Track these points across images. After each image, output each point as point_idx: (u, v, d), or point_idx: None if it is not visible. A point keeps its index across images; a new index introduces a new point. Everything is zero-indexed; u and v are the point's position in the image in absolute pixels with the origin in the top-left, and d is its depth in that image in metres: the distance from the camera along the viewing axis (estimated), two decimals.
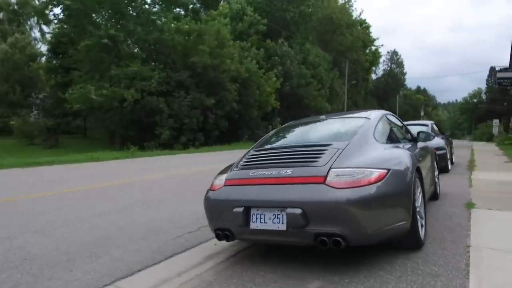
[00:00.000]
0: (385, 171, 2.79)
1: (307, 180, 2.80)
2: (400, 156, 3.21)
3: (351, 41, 38.70)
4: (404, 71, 67.86)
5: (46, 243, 3.77)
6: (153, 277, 3.00)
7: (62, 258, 3.35)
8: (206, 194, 3.37)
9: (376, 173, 2.73)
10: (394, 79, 64.75)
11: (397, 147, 3.66)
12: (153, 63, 21.29)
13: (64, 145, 24.54)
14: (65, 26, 21.63)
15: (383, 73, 64.59)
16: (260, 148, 3.57)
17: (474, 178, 7.41)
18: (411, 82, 75.67)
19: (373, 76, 55.88)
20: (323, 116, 4.14)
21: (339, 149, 3.01)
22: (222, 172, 3.45)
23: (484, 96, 77.38)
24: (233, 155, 16.05)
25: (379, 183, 2.70)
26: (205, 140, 22.44)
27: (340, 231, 2.61)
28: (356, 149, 3.06)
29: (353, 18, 40.75)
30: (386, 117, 4.09)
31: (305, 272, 2.85)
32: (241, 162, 3.37)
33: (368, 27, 44.27)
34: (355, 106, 45.57)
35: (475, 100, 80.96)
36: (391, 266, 2.87)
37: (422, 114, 70.72)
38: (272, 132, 4.21)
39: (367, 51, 46.18)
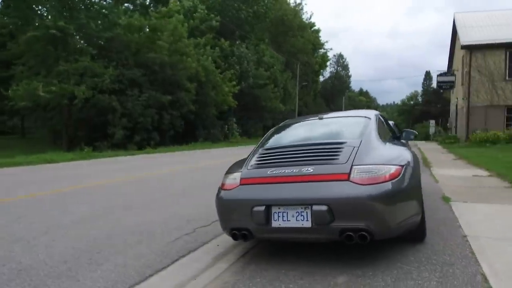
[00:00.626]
0: (400, 167, 2.91)
1: (330, 177, 2.84)
2: (405, 153, 3.36)
3: (302, 43, 39.81)
4: (349, 73, 71.15)
5: (33, 252, 3.46)
6: (169, 281, 2.88)
7: (61, 267, 3.10)
8: (218, 193, 3.29)
9: (393, 169, 2.85)
10: (340, 81, 67.56)
11: (396, 144, 3.83)
12: (105, 60, 20.20)
13: (0, 146, 22.49)
14: (5, 18, 19.83)
15: (330, 75, 67.13)
16: (271, 147, 3.54)
17: (435, 174, 7.95)
18: (354, 84, 79.53)
19: (321, 78, 57.92)
20: (321, 116, 4.20)
21: (354, 147, 3.08)
22: (231, 171, 3.38)
23: (420, 99, 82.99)
24: (200, 155, 16.00)
25: (397, 179, 2.82)
26: (160, 140, 21.80)
27: (366, 226, 2.69)
28: (368, 147, 3.16)
29: (304, 21, 41.95)
30: (379, 117, 4.26)
31: (326, 268, 2.89)
32: (253, 161, 3.33)
33: (318, 30, 45.88)
34: (306, 107, 46.87)
35: (412, 102, 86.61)
36: (406, 258, 3.00)
37: None
38: (272, 130, 4.19)
39: (317, 54, 47.77)
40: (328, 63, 58.97)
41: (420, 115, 70.51)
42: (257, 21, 32.97)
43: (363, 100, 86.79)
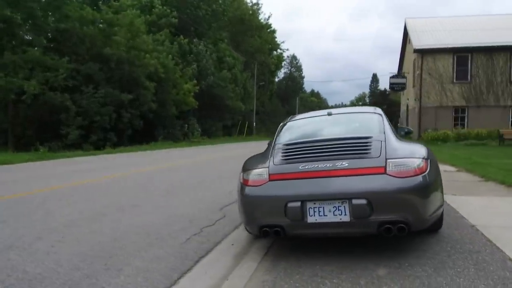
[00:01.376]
0: (426, 160, 2.99)
1: (367, 171, 2.84)
2: (422, 147, 3.45)
3: (260, 44, 40.09)
4: (302, 74, 72.69)
5: (36, 260, 3.12)
6: (201, 283, 2.74)
7: (76, 274, 2.83)
8: (241, 191, 3.17)
9: (423, 163, 2.91)
10: (294, 82, 68.86)
11: (406, 139, 3.95)
12: (57, 53, 18.85)
13: None
14: None
15: (284, 76, 68.19)
16: (293, 142, 3.47)
17: None
18: (305, 85, 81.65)
19: (276, 79, 58.64)
20: (329, 111, 4.22)
21: (381, 141, 3.12)
22: (251, 167, 3.26)
23: (367, 100, 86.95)
24: (166, 155, 15.47)
25: (427, 171, 2.88)
26: (118, 140, 20.81)
27: (404, 218, 2.73)
28: (392, 141, 3.21)
29: (262, 21, 42.29)
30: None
31: (360, 262, 2.88)
32: (278, 156, 3.23)
33: (274, 31, 46.45)
34: (262, 106, 47.29)
35: (360, 103, 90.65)
36: (432, 249, 3.09)
37: None
38: (284, 125, 4.11)
39: (273, 54, 48.35)
40: (283, 64, 59.88)
41: None
42: (215, 19, 32.67)
43: (315, 101, 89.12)
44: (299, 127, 4.06)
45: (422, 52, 20.92)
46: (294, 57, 69.75)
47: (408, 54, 25.81)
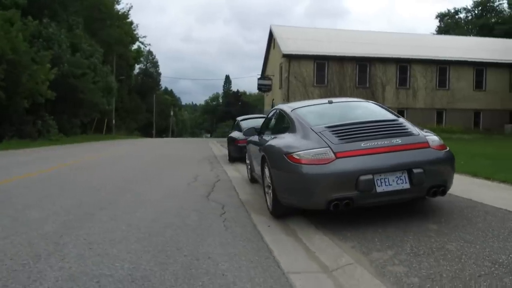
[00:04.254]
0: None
1: (417, 146, 3.49)
2: None
3: (119, 35, 37.18)
4: (159, 71, 70.64)
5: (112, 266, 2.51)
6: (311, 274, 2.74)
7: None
8: (296, 169, 3.35)
9: (438, 138, 3.67)
10: (151, 78, 66.33)
11: None
12: None
13: None
14: None
15: (139, 72, 64.92)
16: (337, 124, 3.71)
17: None
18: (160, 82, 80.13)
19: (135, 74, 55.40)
20: (330, 100, 4.60)
21: (405, 122, 3.81)
22: (300, 148, 3.48)
23: (221, 100, 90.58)
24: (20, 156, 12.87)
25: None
26: None
27: (445, 182, 3.48)
28: (408, 122, 3.85)
29: (121, 11, 39.25)
30: None
31: (409, 225, 3.37)
32: (330, 138, 3.49)
33: (131, 23, 43.64)
34: (121, 102, 44.02)
35: (214, 103, 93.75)
36: (446, 219, 3.80)
37: (171, 113, 75.64)
38: (297, 113, 4.28)
39: (132, 47, 45.47)
40: (141, 59, 56.97)
41: (223, 115, 77.46)
42: (70, 3, 28.80)
43: (169, 99, 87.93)
44: (318, 113, 4.33)
45: (290, 57, 23.29)
46: (150, 52, 67.10)
47: (273, 57, 28.29)
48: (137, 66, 59.87)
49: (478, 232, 3.15)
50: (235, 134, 10.06)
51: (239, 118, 11.05)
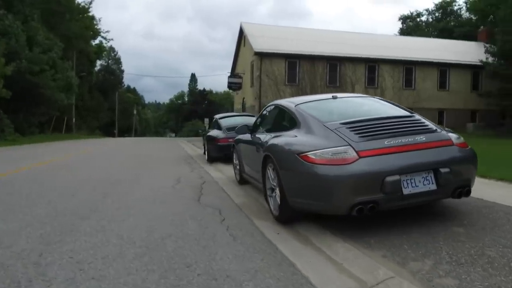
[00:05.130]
0: None
1: (441, 143, 3.25)
2: None
3: (80, 29, 35.23)
4: (122, 68, 68.03)
5: None
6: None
7: None
8: (313, 171, 3.02)
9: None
10: (113, 75, 63.77)
11: None
12: None
13: None
14: None
15: (101, 68, 62.23)
16: (355, 120, 3.39)
17: None
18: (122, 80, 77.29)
19: (96, 70, 52.93)
20: (334, 95, 4.28)
21: (423, 118, 3.56)
22: (314, 147, 3.15)
23: (186, 98, 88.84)
24: None
25: None
26: None
27: (470, 183, 3.27)
28: (425, 118, 3.62)
29: (81, 5, 37.17)
30: None
31: (423, 234, 3.12)
32: (350, 134, 3.16)
33: (92, 17, 41.52)
34: (82, 100, 41.88)
35: (179, 102, 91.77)
36: (468, 221, 3.60)
37: (134, 112, 73.39)
38: (302, 108, 3.95)
39: (92, 42, 43.36)
40: (103, 55, 54.56)
41: (189, 114, 76.02)
42: None
43: (131, 97, 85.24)
44: (325, 109, 3.99)
45: (261, 55, 22.98)
46: (112, 49, 64.49)
47: (243, 55, 27.90)
48: (98, 63, 57.40)
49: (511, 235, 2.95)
50: (215, 132, 9.58)
51: (217, 116, 10.57)
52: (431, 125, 3.44)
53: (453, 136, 3.34)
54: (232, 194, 5.22)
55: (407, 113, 3.73)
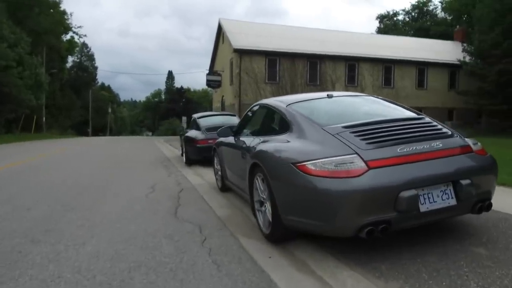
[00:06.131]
0: None
1: (460, 151, 2.80)
2: None
3: (50, 24, 33.52)
4: (96, 65, 65.72)
5: None
6: None
7: None
8: (324, 185, 2.49)
9: None
10: (86, 72, 61.58)
11: None
12: None
13: None
14: None
15: (73, 65, 59.95)
16: (361, 123, 2.89)
17: None
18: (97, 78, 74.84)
19: (68, 67, 50.85)
20: (329, 94, 3.78)
21: (434, 120, 3.16)
22: (314, 156, 2.64)
23: (163, 96, 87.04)
24: None
25: None
26: None
27: (490, 195, 2.83)
28: (436, 121, 3.19)
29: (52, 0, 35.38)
30: None
31: (441, 257, 2.69)
32: (355, 140, 2.67)
33: (64, 12, 39.68)
34: (53, 99, 40.08)
35: (156, 100, 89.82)
36: (487, 238, 3.19)
37: (109, 110, 71.39)
38: (295, 107, 3.43)
39: (64, 38, 41.49)
40: (76, 51, 52.48)
41: (166, 112, 74.40)
42: None
43: (106, 95, 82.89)
44: (321, 109, 3.49)
45: (241, 53, 22.39)
46: (84, 45, 62.23)
47: (222, 53, 27.23)
48: (70, 59, 55.26)
49: None
50: (193, 133, 8.96)
51: (196, 116, 9.93)
52: (445, 128, 2.99)
53: (470, 141, 2.91)
54: (214, 205, 4.66)
55: (416, 115, 3.26)
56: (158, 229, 3.51)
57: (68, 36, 43.65)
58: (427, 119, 3.12)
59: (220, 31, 26.66)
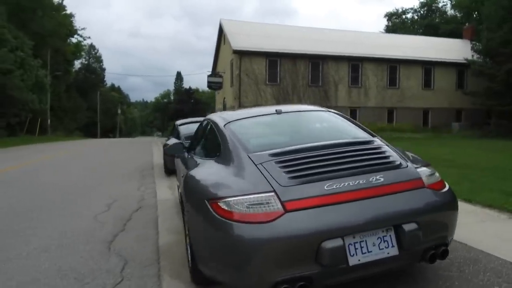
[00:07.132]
0: None
1: (406, 186, 2.26)
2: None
3: (54, 26, 33.60)
4: (103, 66, 66.11)
5: None
6: None
7: None
8: (227, 231, 2.03)
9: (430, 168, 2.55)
10: (94, 74, 61.98)
11: None
12: None
13: None
14: None
15: (81, 67, 60.39)
16: (287, 151, 2.40)
17: None
18: (105, 79, 75.30)
19: (74, 69, 51.19)
20: (278, 109, 3.25)
21: (385, 145, 2.66)
22: (232, 193, 2.14)
23: (172, 97, 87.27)
24: None
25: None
26: None
27: (446, 240, 2.31)
28: (387, 144, 2.68)
29: (56, 3, 35.44)
30: None
31: None
32: (277, 172, 2.19)
33: (70, 15, 39.79)
34: (58, 101, 40.26)
35: (165, 100, 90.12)
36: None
37: (119, 111, 71.74)
38: (232, 127, 2.92)
39: (70, 40, 41.64)
40: (83, 53, 52.80)
41: (175, 113, 74.48)
42: None
43: (116, 96, 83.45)
44: (262, 128, 3.01)
45: (241, 54, 21.95)
46: (92, 47, 62.75)
47: (223, 54, 26.84)
48: (78, 62, 55.65)
49: None
50: (172, 141, 8.47)
51: (177, 122, 9.49)
52: (394, 155, 2.46)
53: (424, 172, 2.37)
54: (163, 229, 4.20)
55: (364, 138, 2.73)
56: (74, 268, 3.06)
57: (74, 40, 43.81)
58: (376, 144, 2.59)
59: (221, 32, 26.29)
